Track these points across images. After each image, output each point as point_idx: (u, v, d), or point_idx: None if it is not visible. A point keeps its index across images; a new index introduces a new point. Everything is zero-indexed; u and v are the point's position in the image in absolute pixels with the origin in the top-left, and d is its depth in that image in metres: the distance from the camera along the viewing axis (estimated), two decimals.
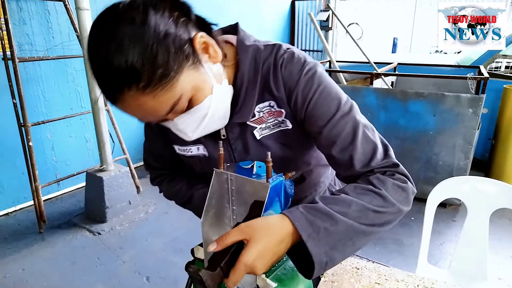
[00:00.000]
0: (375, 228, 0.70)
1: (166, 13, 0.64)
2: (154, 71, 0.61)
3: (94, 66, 0.62)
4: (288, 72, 0.77)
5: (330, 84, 0.79)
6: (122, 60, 0.59)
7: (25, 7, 2.98)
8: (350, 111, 0.77)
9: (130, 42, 0.59)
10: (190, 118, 0.71)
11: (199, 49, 0.68)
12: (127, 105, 0.64)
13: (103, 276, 2.37)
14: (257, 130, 0.82)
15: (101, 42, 0.61)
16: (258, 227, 0.63)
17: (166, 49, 0.62)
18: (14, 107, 2.69)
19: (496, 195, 1.59)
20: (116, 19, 0.61)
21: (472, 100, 2.83)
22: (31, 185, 2.80)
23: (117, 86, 0.61)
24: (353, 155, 0.76)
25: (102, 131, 2.90)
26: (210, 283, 0.56)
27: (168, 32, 0.63)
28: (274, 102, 0.80)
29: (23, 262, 2.49)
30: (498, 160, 3.42)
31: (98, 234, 2.82)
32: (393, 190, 0.73)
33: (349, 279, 0.96)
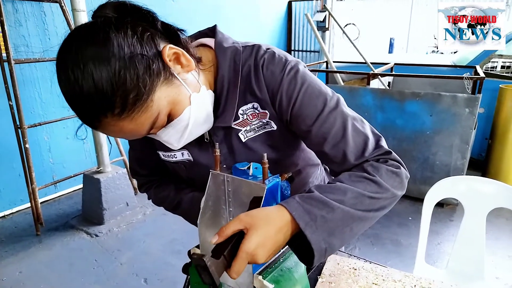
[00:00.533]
0: (371, 214, 0.72)
1: (129, 31, 0.62)
2: (126, 97, 0.60)
3: (65, 93, 0.61)
4: (270, 72, 0.76)
5: (313, 81, 0.78)
6: (92, 88, 0.58)
7: (20, 9, 2.97)
8: (337, 106, 0.77)
9: (96, 68, 0.58)
10: (172, 131, 0.71)
11: (169, 61, 0.66)
12: (107, 130, 0.65)
13: (101, 278, 2.36)
14: (241, 133, 0.82)
15: (67, 69, 0.59)
16: (257, 216, 0.63)
17: (134, 72, 0.60)
18: (11, 109, 2.68)
19: (493, 195, 1.59)
20: (80, 43, 0.60)
21: (468, 100, 2.84)
22: (28, 187, 2.79)
23: (92, 114, 0.61)
24: (345, 149, 0.76)
25: (99, 133, 2.89)
26: (214, 270, 0.56)
27: (133, 53, 0.60)
28: (257, 103, 0.79)
29: (20, 265, 2.48)
30: (494, 160, 3.43)
31: (96, 236, 2.81)
32: (387, 176, 0.74)
33: (346, 279, 0.96)
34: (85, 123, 0.64)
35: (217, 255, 0.58)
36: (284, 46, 6.32)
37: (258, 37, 5.65)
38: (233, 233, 0.62)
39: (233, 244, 0.60)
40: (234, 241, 0.60)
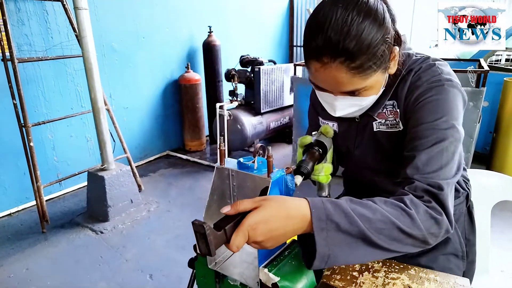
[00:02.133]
0: (393, 246, 0.68)
1: (390, 21, 0.77)
2: (367, 62, 0.73)
3: (323, 25, 0.71)
4: (417, 77, 0.84)
5: (449, 101, 0.80)
6: (355, 41, 0.70)
7: (23, 8, 2.98)
8: (445, 129, 0.77)
9: (368, 31, 0.71)
10: (348, 102, 0.81)
11: (391, 59, 0.80)
12: (323, 69, 0.74)
13: (106, 275, 2.38)
14: (376, 123, 0.92)
15: (342, 15, 0.70)
16: (273, 198, 0.64)
17: (383, 50, 0.74)
18: (15, 108, 2.69)
19: (497, 188, 1.59)
20: (361, 6, 0.72)
21: (472, 93, 2.82)
22: (33, 185, 2.80)
23: (334, 52, 0.71)
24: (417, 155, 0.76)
25: (103, 130, 2.90)
26: (212, 239, 0.56)
27: (389, 39, 0.75)
28: (396, 102, 0.88)
29: (26, 262, 2.50)
30: (499, 153, 3.41)
31: (101, 233, 2.83)
32: (425, 217, 0.70)
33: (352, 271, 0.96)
34: (313, 51, 0.74)
35: (219, 228, 0.59)
36: (286, 42, 6.30)
37: (259, 32, 5.64)
38: (244, 210, 0.62)
39: (237, 221, 0.60)
40: (239, 219, 0.60)
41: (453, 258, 1.06)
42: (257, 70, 3.98)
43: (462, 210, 1.11)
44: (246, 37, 5.30)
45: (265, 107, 4.19)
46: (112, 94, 3.77)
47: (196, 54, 4.61)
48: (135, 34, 3.89)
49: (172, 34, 4.27)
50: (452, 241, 1.05)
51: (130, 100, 3.96)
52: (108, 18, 3.60)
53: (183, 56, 4.48)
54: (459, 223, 1.10)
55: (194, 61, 4.59)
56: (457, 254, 1.07)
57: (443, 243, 1.05)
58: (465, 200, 1.12)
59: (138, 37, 3.92)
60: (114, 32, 3.68)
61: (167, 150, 4.47)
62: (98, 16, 3.49)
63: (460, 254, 1.07)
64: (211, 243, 0.56)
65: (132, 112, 4.00)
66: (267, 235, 0.61)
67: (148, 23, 3.97)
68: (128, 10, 3.78)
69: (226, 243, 0.59)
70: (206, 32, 4.35)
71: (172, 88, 4.38)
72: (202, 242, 0.56)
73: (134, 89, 3.99)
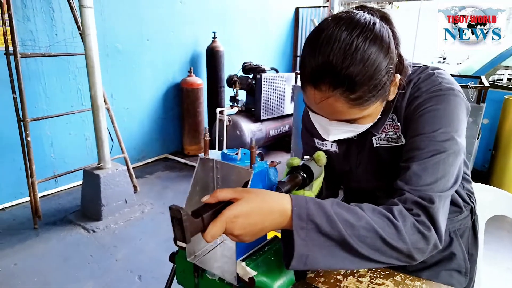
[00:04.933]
0: (375, 256, 0.65)
1: (393, 51, 0.73)
2: (367, 93, 0.70)
3: (326, 56, 0.67)
4: (416, 88, 0.81)
5: (449, 111, 0.77)
6: (357, 70, 0.66)
7: (29, 4, 3.01)
8: (443, 141, 0.74)
9: (372, 61, 0.67)
10: (343, 128, 0.78)
11: (391, 87, 0.77)
12: (320, 97, 0.70)
13: (95, 274, 2.35)
14: (375, 138, 0.89)
15: (346, 40, 0.67)
16: (255, 191, 0.63)
17: (382, 83, 0.71)
18: (14, 102, 2.70)
19: (492, 202, 1.57)
20: (367, 32, 0.69)
21: (472, 109, 2.81)
22: (28, 180, 2.79)
23: (334, 84, 0.68)
24: (411, 166, 0.74)
25: (101, 128, 2.90)
26: (188, 226, 0.55)
27: (392, 69, 0.73)
28: (396, 115, 0.85)
29: (15, 257, 2.48)
30: (498, 171, 3.39)
31: (93, 232, 2.81)
32: (411, 231, 0.67)
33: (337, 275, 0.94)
34: (312, 78, 0.70)
35: (196, 215, 0.57)
36: (290, 52, 6.33)
37: (264, 41, 5.67)
38: (224, 199, 0.61)
39: (216, 210, 0.59)
40: (218, 208, 0.59)
41: (456, 274, 1.04)
42: (258, 77, 3.99)
43: (467, 224, 1.08)
44: (250, 44, 5.33)
45: (265, 115, 4.19)
46: (113, 94, 3.78)
47: (199, 58, 4.63)
48: (139, 36, 3.92)
49: (176, 38, 4.30)
50: (457, 257, 1.03)
51: (131, 101, 3.97)
52: (114, 18, 3.63)
53: (186, 60, 4.50)
54: (464, 238, 1.07)
55: (197, 66, 4.62)
56: (460, 271, 1.04)
57: (447, 259, 1.02)
58: (470, 214, 1.09)
59: (142, 39, 3.95)
60: (119, 33, 3.71)
61: (166, 153, 4.46)
62: (104, 16, 3.52)
63: (463, 271, 1.04)
64: (186, 230, 0.54)
65: (132, 113, 4.01)
66: (246, 229, 0.60)
67: (153, 25, 4.01)
68: (134, 12, 3.81)
69: (202, 231, 0.58)
70: (211, 38, 4.38)
71: (174, 91, 4.40)
72: (178, 228, 0.55)
73: (135, 90, 4.00)
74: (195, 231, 0.57)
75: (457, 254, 1.02)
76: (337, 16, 0.71)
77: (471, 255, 1.07)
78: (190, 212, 0.58)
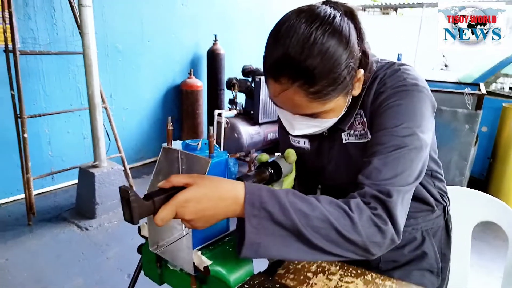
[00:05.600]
0: (328, 248, 0.64)
1: (356, 42, 0.73)
2: (326, 87, 0.69)
3: (286, 49, 0.67)
4: (382, 83, 0.81)
5: (412, 107, 0.77)
6: (315, 62, 0.66)
7: (30, 3, 3.05)
8: (404, 136, 0.74)
9: (331, 54, 0.67)
10: (306, 123, 0.78)
11: (355, 82, 0.77)
12: (280, 90, 0.71)
13: (85, 271, 2.35)
14: (345, 134, 0.88)
15: (304, 33, 0.67)
16: (209, 177, 0.63)
17: (345, 76, 0.71)
18: (12, 99, 2.73)
19: (479, 208, 1.55)
20: (326, 26, 0.68)
21: (468, 115, 2.80)
22: (23, 176, 2.81)
23: (293, 76, 0.67)
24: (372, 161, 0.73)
25: (97, 127, 2.92)
26: (135, 206, 0.55)
27: (353, 63, 0.72)
28: (363, 111, 0.85)
29: (7, 253, 2.49)
30: (495, 179, 3.36)
31: (86, 230, 2.82)
32: (367, 224, 0.66)
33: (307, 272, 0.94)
34: (273, 72, 0.71)
35: (147, 198, 0.58)
36: None
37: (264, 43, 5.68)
38: (178, 184, 0.61)
39: (168, 195, 0.59)
40: (171, 193, 0.59)
41: (428, 274, 1.03)
42: (257, 81, 4.00)
43: (439, 223, 1.07)
44: (250, 48, 5.35)
45: (263, 118, 4.19)
46: (112, 94, 3.81)
47: (200, 61, 4.66)
48: (140, 37, 3.95)
49: (177, 40, 4.33)
50: (428, 257, 1.02)
51: (130, 101, 4.00)
52: (115, 19, 3.67)
53: (187, 62, 4.53)
54: (436, 237, 1.06)
55: (197, 68, 4.64)
56: (432, 270, 1.03)
57: (419, 258, 1.01)
58: (443, 214, 1.09)
59: (143, 40, 3.99)
60: (119, 33, 3.74)
61: None
62: (105, 17, 3.56)
63: (435, 271, 1.04)
64: (134, 210, 0.55)
65: (131, 113, 4.03)
66: (197, 214, 0.60)
67: (154, 27, 4.04)
68: (136, 13, 3.85)
69: (153, 214, 0.58)
70: (212, 40, 4.41)
71: (173, 92, 4.42)
72: (127, 208, 0.55)
73: (135, 91, 4.03)
74: (145, 213, 0.57)
75: (429, 253, 1.01)
76: (300, 9, 0.72)
77: (444, 255, 1.06)
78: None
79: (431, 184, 1.01)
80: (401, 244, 1.00)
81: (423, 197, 0.98)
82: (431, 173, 1.00)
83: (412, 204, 0.98)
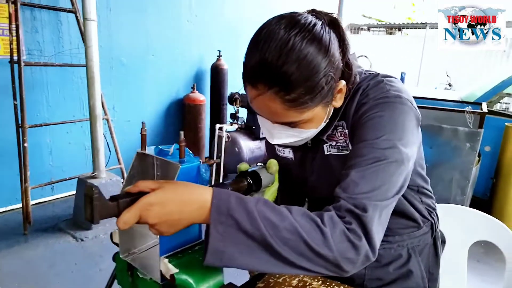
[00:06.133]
0: (300, 262, 0.61)
1: (339, 52, 0.72)
2: (303, 96, 0.68)
3: (263, 54, 0.66)
4: (365, 94, 0.80)
5: (393, 119, 0.74)
6: (292, 69, 0.65)
7: (38, 16, 3.13)
8: (384, 149, 0.71)
9: (309, 61, 0.66)
10: (286, 132, 0.77)
11: (336, 93, 0.76)
12: (257, 96, 0.70)
13: (77, 282, 2.33)
14: (326, 145, 0.87)
15: (283, 39, 0.66)
16: (176, 182, 0.63)
17: (323, 86, 0.69)
18: (14, 109, 2.76)
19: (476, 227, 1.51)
20: (305, 33, 0.67)
21: (470, 134, 2.77)
22: (21, 185, 2.82)
23: (269, 82, 0.67)
24: (351, 176, 0.70)
25: (97, 138, 2.94)
26: (97, 205, 0.54)
27: (332, 72, 0.70)
28: (345, 122, 0.83)
29: (0, 261, 2.48)
30: (499, 200, 3.29)
31: (81, 241, 2.80)
32: (340, 238, 0.63)
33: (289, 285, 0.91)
34: (249, 77, 0.70)
35: (112, 199, 0.57)
36: None
37: None
38: (145, 189, 0.60)
39: (134, 199, 0.58)
40: (137, 197, 0.59)
41: None
42: None
43: (426, 241, 1.03)
44: None
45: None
46: (115, 106, 3.85)
47: (203, 75, 4.71)
48: (145, 51, 4.02)
49: (181, 54, 4.39)
50: (414, 275, 0.98)
51: (133, 114, 4.03)
52: (121, 33, 3.74)
53: (190, 77, 4.58)
54: (423, 255, 1.02)
55: (201, 82, 4.69)
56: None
57: (404, 277, 0.98)
58: (431, 231, 1.06)
59: (147, 54, 4.05)
60: (124, 47, 3.81)
61: None
62: (110, 31, 3.63)
63: None
64: (95, 210, 0.54)
65: (133, 125, 4.06)
66: (161, 219, 0.58)
67: (159, 42, 4.11)
68: (141, 27, 3.92)
69: (117, 217, 0.58)
70: (216, 56, 4.46)
71: (176, 106, 4.45)
72: (89, 206, 0.55)
73: (138, 104, 4.07)
74: (107, 214, 0.56)
75: (415, 272, 0.97)
76: (281, 15, 0.71)
77: (432, 274, 1.03)
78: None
79: (418, 200, 0.98)
80: (387, 261, 0.97)
81: (409, 213, 0.96)
82: (417, 189, 0.97)
83: (397, 220, 0.96)
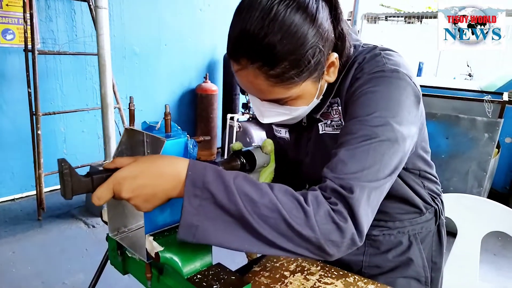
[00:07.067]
0: (280, 242, 0.57)
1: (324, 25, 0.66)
2: (288, 71, 0.64)
3: (244, 25, 0.62)
4: (360, 68, 0.75)
5: (388, 94, 0.69)
6: (275, 40, 0.61)
7: (53, 5, 3.16)
8: (376, 126, 0.66)
9: (294, 30, 0.61)
10: (275, 110, 0.74)
11: (328, 67, 0.71)
12: (243, 73, 0.66)
13: (86, 267, 2.36)
14: (321, 124, 0.84)
15: (265, 8, 0.61)
16: (151, 156, 0.61)
17: (307, 60, 0.64)
18: (28, 96, 2.81)
19: (490, 216, 1.45)
20: (290, 1, 0.62)
21: (488, 124, 2.66)
22: (35, 172, 2.88)
23: (251, 56, 0.63)
24: (340, 155, 0.65)
25: (109, 126, 2.96)
26: (69, 180, 0.53)
27: (321, 43, 0.65)
28: (340, 99, 0.79)
29: (15, 246, 2.54)
30: None
31: (92, 227, 2.84)
32: (324, 220, 0.58)
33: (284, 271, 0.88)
34: (232, 53, 0.67)
35: (87, 175, 0.56)
36: None
37: None
38: (122, 165, 0.58)
39: (109, 175, 0.57)
40: (112, 173, 0.57)
41: (414, 283, 0.95)
42: None
43: (430, 228, 0.98)
44: None
45: None
46: (128, 95, 3.87)
47: (216, 65, 4.69)
48: (157, 40, 4.02)
49: (194, 44, 4.38)
50: (415, 264, 0.94)
51: (145, 103, 4.05)
52: (134, 22, 3.75)
53: (203, 67, 4.56)
54: (426, 243, 0.97)
55: (213, 72, 4.67)
56: (419, 279, 0.95)
57: (404, 265, 0.93)
58: (434, 218, 1.00)
59: (160, 43, 4.05)
60: (137, 36, 3.81)
61: None
62: (123, 20, 3.64)
63: (423, 280, 0.95)
64: (67, 185, 0.53)
65: (146, 115, 4.07)
66: (134, 192, 0.56)
67: (172, 31, 4.10)
68: (154, 17, 3.92)
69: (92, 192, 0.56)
70: None
71: (189, 96, 4.45)
72: (62, 183, 0.53)
73: (150, 93, 4.08)
74: (81, 189, 0.55)
75: (415, 260, 0.93)
76: None
77: (435, 263, 0.97)
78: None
79: (420, 184, 0.93)
80: (386, 248, 0.93)
81: (409, 198, 0.91)
82: (419, 173, 0.92)
83: (395, 205, 0.91)
